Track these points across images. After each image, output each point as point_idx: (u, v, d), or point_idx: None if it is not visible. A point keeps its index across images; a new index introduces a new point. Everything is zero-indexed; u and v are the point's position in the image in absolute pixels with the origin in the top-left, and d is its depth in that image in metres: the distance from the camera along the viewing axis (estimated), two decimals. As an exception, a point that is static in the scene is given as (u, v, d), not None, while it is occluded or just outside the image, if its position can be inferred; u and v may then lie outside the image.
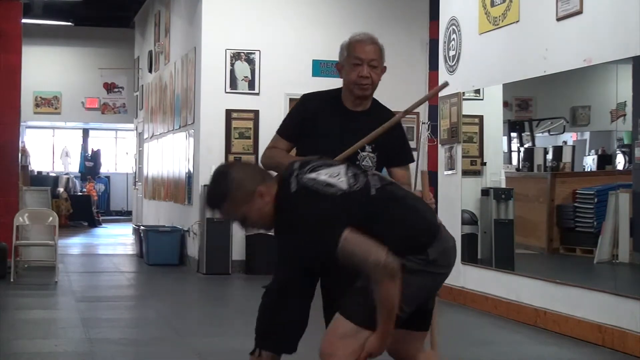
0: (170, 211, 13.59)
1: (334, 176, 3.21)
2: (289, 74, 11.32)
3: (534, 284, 7.53)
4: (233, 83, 11.19)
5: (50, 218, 10.37)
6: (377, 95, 4.01)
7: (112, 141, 25.14)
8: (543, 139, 10.19)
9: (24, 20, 11.91)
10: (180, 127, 12.82)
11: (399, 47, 11.71)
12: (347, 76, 3.85)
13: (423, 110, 11.65)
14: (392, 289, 3.02)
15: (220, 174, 3.26)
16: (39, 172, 21.56)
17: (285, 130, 4.02)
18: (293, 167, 3.28)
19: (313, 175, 3.20)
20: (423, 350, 3.47)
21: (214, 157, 10.90)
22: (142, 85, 17.12)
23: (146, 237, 12.28)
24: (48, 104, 22.01)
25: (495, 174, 8.99)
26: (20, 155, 12.33)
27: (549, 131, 10.07)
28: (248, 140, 11.21)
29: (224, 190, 3.19)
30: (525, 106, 9.81)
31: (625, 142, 8.95)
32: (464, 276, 8.75)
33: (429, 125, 11.41)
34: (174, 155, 13.28)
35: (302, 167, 3.25)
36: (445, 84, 4.30)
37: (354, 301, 3.18)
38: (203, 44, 11.36)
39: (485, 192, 8.78)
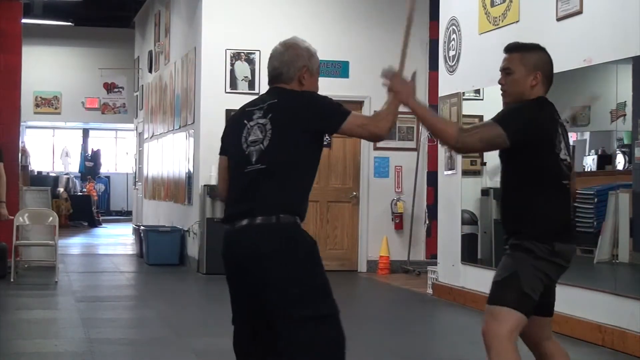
0: (170, 211, 13.59)
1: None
2: (289, 74, 11.29)
3: (534, 284, 7.51)
4: (233, 83, 11.19)
5: (50, 218, 10.37)
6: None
7: (112, 141, 25.14)
8: (543, 139, 10.17)
9: (24, 20, 11.92)
10: (180, 127, 12.82)
11: (399, 47, 11.70)
12: (315, 85, 4.02)
13: (423, 110, 11.64)
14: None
15: (536, 45, 3.99)
16: (39, 172, 21.55)
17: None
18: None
19: None
20: (551, 339, 4.05)
21: (214, 157, 10.84)
22: (142, 85, 17.11)
23: (146, 237, 12.28)
24: (48, 104, 22.01)
25: (495, 174, 8.98)
26: (20, 155, 12.33)
27: (548, 131, 10.04)
28: (248, 140, 11.18)
29: (528, 47, 3.94)
30: (525, 106, 9.79)
31: (625, 142, 8.93)
32: (464, 276, 8.75)
33: (429, 125, 11.42)
34: (174, 155, 13.28)
35: None
36: None
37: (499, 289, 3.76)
38: (203, 44, 11.36)
39: (485, 192, 8.77)
